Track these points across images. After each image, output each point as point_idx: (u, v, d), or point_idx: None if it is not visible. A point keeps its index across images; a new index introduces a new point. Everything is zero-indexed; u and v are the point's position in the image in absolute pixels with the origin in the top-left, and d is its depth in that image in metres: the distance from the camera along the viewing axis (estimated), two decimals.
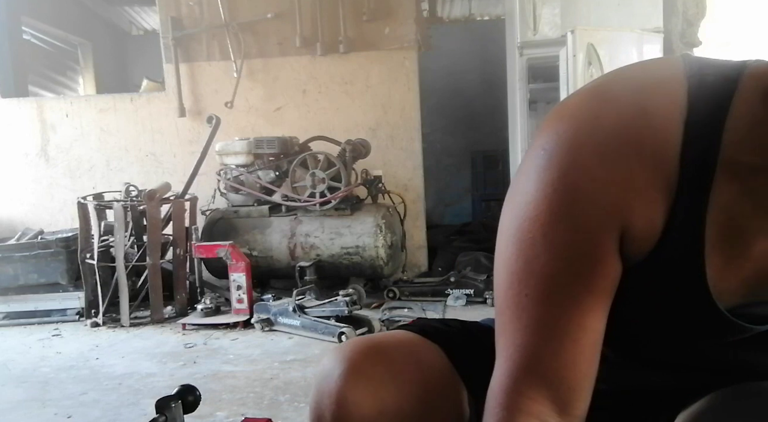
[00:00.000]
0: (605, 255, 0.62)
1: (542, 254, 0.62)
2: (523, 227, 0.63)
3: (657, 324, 0.69)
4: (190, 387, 0.95)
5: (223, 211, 3.93)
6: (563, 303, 0.63)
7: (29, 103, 4.73)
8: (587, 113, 0.63)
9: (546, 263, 0.62)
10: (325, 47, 4.33)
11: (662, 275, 0.64)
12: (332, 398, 0.76)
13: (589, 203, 0.61)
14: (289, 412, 2.08)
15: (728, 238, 0.62)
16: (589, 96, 0.66)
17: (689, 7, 4.22)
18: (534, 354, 0.64)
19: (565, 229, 0.61)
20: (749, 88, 0.60)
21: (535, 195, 0.62)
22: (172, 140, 4.56)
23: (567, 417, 0.65)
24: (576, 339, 0.63)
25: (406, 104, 4.39)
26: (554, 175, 0.61)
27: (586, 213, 0.61)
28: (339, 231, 3.66)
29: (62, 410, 2.21)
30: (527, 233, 0.63)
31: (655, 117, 0.60)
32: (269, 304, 3.15)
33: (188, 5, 4.48)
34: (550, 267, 0.62)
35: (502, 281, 0.66)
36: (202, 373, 2.54)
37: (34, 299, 3.57)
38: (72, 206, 3.70)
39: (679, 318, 0.67)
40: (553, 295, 0.63)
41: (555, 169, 0.61)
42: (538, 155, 0.63)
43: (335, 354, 0.80)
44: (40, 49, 6.60)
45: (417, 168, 4.45)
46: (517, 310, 0.64)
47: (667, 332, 0.69)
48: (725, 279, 0.63)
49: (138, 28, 8.61)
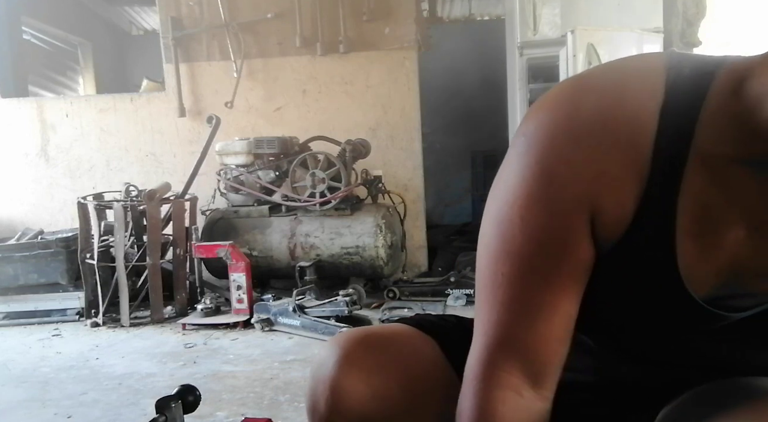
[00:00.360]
0: (577, 238, 0.64)
1: (518, 235, 0.65)
2: (503, 210, 0.66)
3: (633, 312, 0.70)
4: (190, 387, 0.95)
5: (223, 211, 3.93)
6: (536, 283, 0.65)
7: (29, 103, 4.72)
8: (567, 101, 0.65)
9: (521, 244, 0.65)
10: (325, 47, 4.33)
11: (635, 262, 0.65)
12: (326, 385, 0.79)
13: (563, 187, 0.63)
14: (289, 412, 2.08)
15: (701, 227, 0.63)
16: (570, 86, 0.68)
17: (689, 7, 4.22)
18: (508, 329, 0.66)
19: (540, 211, 0.64)
20: (724, 82, 0.61)
21: (515, 179, 0.65)
22: (172, 140, 4.56)
23: (539, 390, 0.67)
24: (547, 317, 0.65)
25: (406, 104, 4.39)
26: (532, 159, 0.64)
27: (560, 197, 0.63)
28: (339, 231, 3.66)
29: (62, 410, 2.21)
30: (506, 214, 0.66)
31: (631, 106, 0.62)
32: (269, 304, 3.15)
33: (188, 5, 4.48)
34: (525, 248, 0.65)
35: (482, 260, 0.69)
36: (202, 373, 2.54)
37: (34, 299, 3.56)
38: (72, 206, 3.70)
39: (653, 306, 0.68)
40: (526, 275, 0.65)
41: (533, 154, 0.64)
42: (519, 142, 0.66)
43: (330, 343, 0.83)
44: (40, 49, 6.60)
45: (417, 168, 4.45)
46: (494, 288, 0.67)
47: (643, 320, 0.70)
48: (699, 268, 0.64)
49: (138, 28, 8.60)
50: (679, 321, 0.68)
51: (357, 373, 0.79)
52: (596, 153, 0.61)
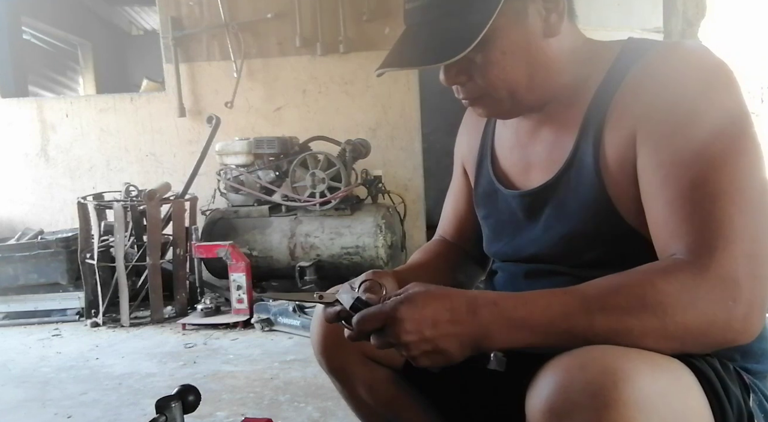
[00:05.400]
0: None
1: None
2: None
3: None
4: (190, 387, 0.95)
5: (223, 211, 3.93)
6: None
7: (29, 103, 4.72)
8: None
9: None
10: (325, 47, 4.33)
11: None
12: (318, 316, 1.13)
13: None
14: (289, 412, 2.08)
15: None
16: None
17: (689, 7, 4.22)
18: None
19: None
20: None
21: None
22: (172, 140, 4.56)
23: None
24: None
25: (406, 104, 4.39)
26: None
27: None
28: (339, 231, 3.66)
29: (62, 410, 2.21)
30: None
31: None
32: (269, 304, 3.15)
33: (188, 5, 4.48)
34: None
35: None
36: (202, 373, 2.54)
37: (34, 299, 3.56)
38: (72, 206, 3.69)
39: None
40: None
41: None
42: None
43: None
44: (40, 49, 6.61)
45: (417, 168, 4.45)
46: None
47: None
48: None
49: (138, 28, 8.61)
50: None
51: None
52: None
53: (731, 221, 0.76)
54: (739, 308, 0.73)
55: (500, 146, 1.10)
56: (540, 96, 0.95)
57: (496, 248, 1.10)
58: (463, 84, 0.95)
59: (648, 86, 0.85)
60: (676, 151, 0.80)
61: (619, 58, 0.91)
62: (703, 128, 0.80)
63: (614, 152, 0.87)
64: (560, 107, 0.96)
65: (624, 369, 0.67)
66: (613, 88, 0.89)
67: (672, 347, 0.74)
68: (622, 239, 0.88)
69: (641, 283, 0.76)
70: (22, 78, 5.12)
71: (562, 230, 0.94)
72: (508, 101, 0.94)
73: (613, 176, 0.87)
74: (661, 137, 0.82)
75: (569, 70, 0.94)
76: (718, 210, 0.76)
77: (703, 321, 0.74)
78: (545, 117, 0.98)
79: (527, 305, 0.77)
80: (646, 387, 0.67)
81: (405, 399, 1.13)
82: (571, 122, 0.94)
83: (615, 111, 0.88)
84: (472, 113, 1.17)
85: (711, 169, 0.78)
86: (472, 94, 0.95)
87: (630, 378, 0.66)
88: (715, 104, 0.81)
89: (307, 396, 2.20)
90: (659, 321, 0.73)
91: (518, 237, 1.03)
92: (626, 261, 0.81)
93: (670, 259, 0.79)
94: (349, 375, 1.12)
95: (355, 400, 1.16)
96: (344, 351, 1.09)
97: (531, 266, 1.01)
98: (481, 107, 0.98)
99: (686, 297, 0.74)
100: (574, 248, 0.93)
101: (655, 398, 0.67)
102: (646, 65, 0.87)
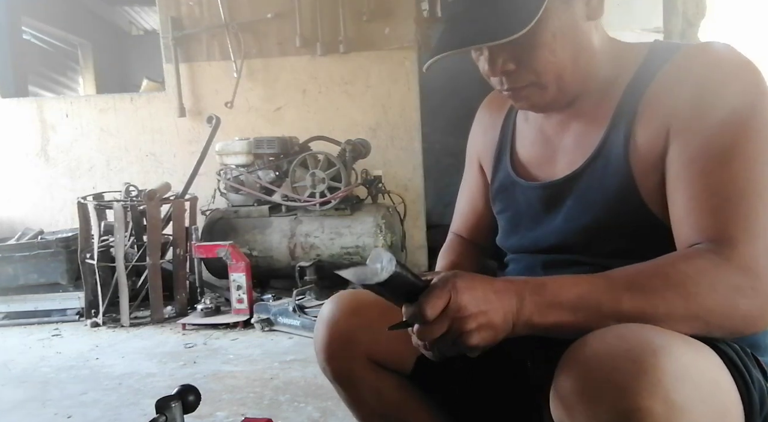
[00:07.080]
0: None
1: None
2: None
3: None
4: (190, 387, 0.95)
5: (223, 211, 3.93)
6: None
7: (29, 103, 4.72)
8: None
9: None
10: (325, 47, 4.33)
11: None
12: (323, 321, 1.11)
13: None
14: (289, 412, 2.08)
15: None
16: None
17: (689, 7, 4.22)
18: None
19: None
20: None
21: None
22: (172, 140, 4.56)
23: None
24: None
25: (406, 104, 4.39)
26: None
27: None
28: (339, 231, 3.66)
29: (62, 410, 2.21)
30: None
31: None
32: (269, 304, 3.15)
33: (188, 5, 4.48)
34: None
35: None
36: (202, 373, 2.54)
37: (34, 299, 3.56)
38: (72, 206, 3.69)
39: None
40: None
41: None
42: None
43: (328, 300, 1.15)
44: (40, 49, 6.61)
45: (417, 168, 4.45)
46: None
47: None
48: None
49: (138, 28, 8.61)
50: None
51: (346, 308, 1.10)
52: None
53: (756, 217, 0.80)
54: (759, 297, 0.77)
55: (521, 141, 1.12)
56: (580, 84, 0.97)
57: (512, 241, 1.11)
58: (510, 73, 0.95)
59: (681, 84, 0.88)
60: (707, 146, 0.84)
61: (648, 58, 0.94)
62: (735, 125, 0.83)
63: (645, 143, 0.90)
64: (591, 102, 0.99)
65: (662, 341, 0.70)
66: (643, 85, 0.92)
67: (698, 327, 0.77)
68: (646, 229, 0.91)
69: (664, 266, 0.80)
70: (22, 78, 5.12)
71: (585, 220, 0.96)
72: (554, 88, 0.95)
73: (641, 166, 0.90)
74: (693, 133, 0.85)
75: (604, 62, 0.97)
76: (744, 206, 0.80)
77: (726, 305, 0.77)
78: (575, 112, 1.01)
79: (556, 281, 0.81)
80: (683, 358, 0.69)
81: (413, 404, 1.13)
82: (600, 117, 0.96)
83: (647, 106, 0.91)
84: (486, 111, 1.23)
85: (740, 165, 0.82)
86: (519, 82, 0.95)
87: (668, 349, 0.69)
88: (746, 103, 0.84)
89: (307, 396, 2.21)
90: (683, 301, 0.77)
91: (537, 229, 1.05)
92: (648, 251, 0.84)
93: (692, 248, 0.82)
94: (356, 382, 1.11)
95: (360, 406, 1.15)
96: (351, 357, 1.09)
97: (550, 257, 1.03)
98: (526, 97, 0.98)
99: (707, 280, 0.77)
100: (597, 237, 0.95)
101: (692, 370, 0.69)
102: (678, 64, 0.90)
